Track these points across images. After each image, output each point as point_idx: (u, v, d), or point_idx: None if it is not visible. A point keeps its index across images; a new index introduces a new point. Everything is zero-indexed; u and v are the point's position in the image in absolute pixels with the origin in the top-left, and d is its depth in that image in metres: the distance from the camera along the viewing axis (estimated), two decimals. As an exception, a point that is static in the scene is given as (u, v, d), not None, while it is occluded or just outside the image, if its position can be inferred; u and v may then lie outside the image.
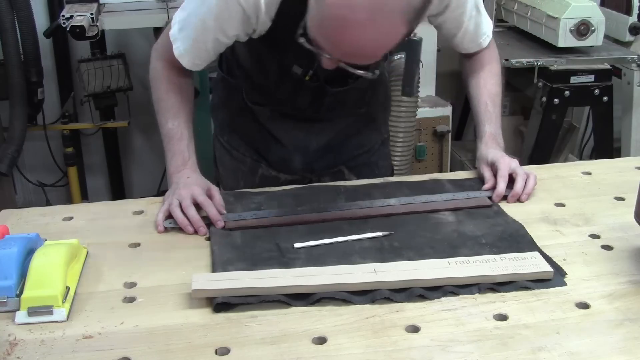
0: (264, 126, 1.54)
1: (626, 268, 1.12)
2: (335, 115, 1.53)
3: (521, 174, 1.37)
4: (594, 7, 2.56)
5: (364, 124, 1.60)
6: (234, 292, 1.03)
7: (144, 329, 0.99)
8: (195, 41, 1.32)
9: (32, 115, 2.77)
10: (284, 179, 1.56)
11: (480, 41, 1.50)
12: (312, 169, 1.58)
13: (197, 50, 1.33)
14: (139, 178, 3.35)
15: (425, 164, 3.00)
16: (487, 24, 1.50)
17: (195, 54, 1.34)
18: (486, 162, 1.41)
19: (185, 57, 1.35)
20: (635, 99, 2.80)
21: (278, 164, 1.56)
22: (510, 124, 3.01)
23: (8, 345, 0.95)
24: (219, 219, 1.25)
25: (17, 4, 2.52)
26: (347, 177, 1.58)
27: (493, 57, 1.54)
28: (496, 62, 1.55)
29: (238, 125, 1.58)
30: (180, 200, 1.27)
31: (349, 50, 1.07)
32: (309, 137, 1.54)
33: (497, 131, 1.48)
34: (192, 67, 1.37)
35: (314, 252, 1.17)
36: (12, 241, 1.07)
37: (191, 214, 1.25)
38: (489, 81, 1.51)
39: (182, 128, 1.37)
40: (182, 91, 1.40)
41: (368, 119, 1.60)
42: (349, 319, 1.00)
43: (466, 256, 1.13)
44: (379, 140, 1.66)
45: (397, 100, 2.49)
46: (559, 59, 2.56)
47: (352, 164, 1.60)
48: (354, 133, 1.58)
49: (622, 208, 1.32)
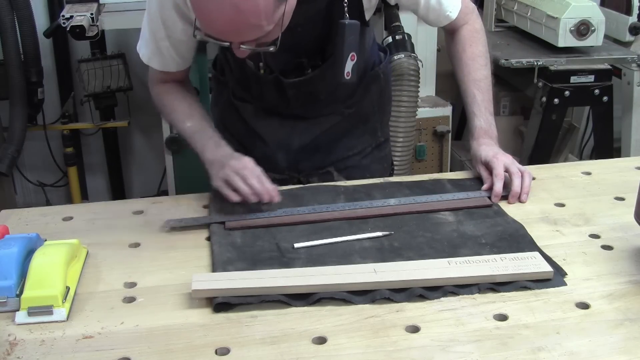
0: (248, 123, 1.55)
1: (626, 268, 1.12)
2: (317, 112, 1.51)
3: (516, 172, 1.36)
4: (594, 7, 2.56)
5: (354, 125, 1.57)
6: (234, 292, 1.03)
7: (144, 329, 0.99)
8: (154, 44, 1.40)
9: (32, 115, 2.77)
10: (271, 178, 1.52)
11: (447, 14, 1.46)
12: (298, 168, 1.57)
13: (159, 52, 1.40)
14: (139, 178, 3.35)
15: (425, 164, 3.00)
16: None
17: (159, 56, 1.41)
18: (480, 161, 1.40)
19: (153, 60, 1.42)
20: (635, 99, 2.80)
21: (263, 162, 1.53)
22: (510, 124, 3.01)
23: (8, 345, 0.95)
24: (275, 194, 1.29)
25: (17, 4, 2.52)
26: (335, 179, 1.55)
27: (474, 35, 1.49)
28: (477, 41, 1.49)
29: (227, 123, 1.59)
30: (237, 171, 1.29)
31: (215, 25, 1.11)
32: (292, 135, 1.53)
33: (488, 122, 1.45)
34: (164, 68, 1.43)
35: (314, 252, 1.17)
36: (12, 241, 1.08)
37: (255, 183, 1.28)
38: (472, 66, 1.47)
39: (201, 122, 1.42)
40: (185, 96, 1.46)
41: (359, 119, 1.57)
42: (349, 319, 1.00)
43: (466, 256, 1.13)
44: (372, 143, 1.62)
45: (397, 100, 2.49)
46: (559, 59, 2.56)
47: (341, 165, 1.57)
48: (342, 133, 1.56)
49: (622, 208, 1.32)
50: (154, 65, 1.43)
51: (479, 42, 1.49)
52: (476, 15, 1.51)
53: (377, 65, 1.57)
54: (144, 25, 1.41)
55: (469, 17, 1.49)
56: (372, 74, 1.56)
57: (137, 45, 1.44)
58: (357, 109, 1.55)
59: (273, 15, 1.10)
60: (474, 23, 1.50)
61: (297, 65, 1.40)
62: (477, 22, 1.51)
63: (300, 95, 1.45)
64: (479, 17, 1.52)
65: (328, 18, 1.33)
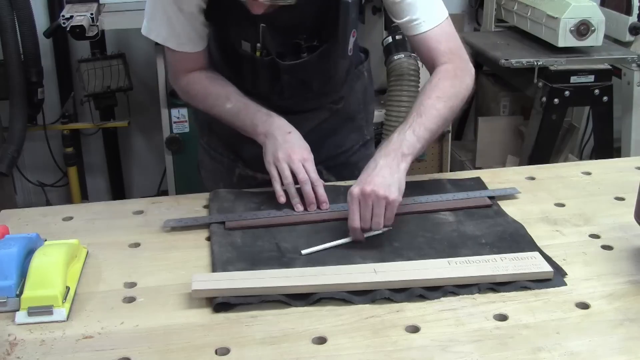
0: None
1: (626, 268, 1.12)
2: (306, 105, 1.50)
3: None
4: (594, 7, 2.56)
5: (341, 123, 1.56)
6: (234, 292, 1.03)
7: (144, 329, 0.99)
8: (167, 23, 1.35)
9: (32, 115, 2.77)
10: (261, 179, 1.50)
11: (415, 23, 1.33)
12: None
13: (173, 31, 1.36)
14: (139, 178, 3.35)
15: (425, 164, 3.00)
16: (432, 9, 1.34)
17: (175, 36, 1.37)
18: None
19: (170, 39, 1.38)
20: (635, 99, 2.79)
21: (252, 163, 1.53)
22: (510, 124, 3.01)
23: (8, 345, 0.95)
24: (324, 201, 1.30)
25: (17, 4, 2.52)
26: (325, 178, 1.50)
27: (451, 75, 1.33)
28: (452, 80, 1.32)
29: (215, 125, 1.57)
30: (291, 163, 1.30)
31: None
32: None
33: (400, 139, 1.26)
34: (180, 48, 1.39)
35: (314, 252, 1.17)
36: (12, 241, 1.07)
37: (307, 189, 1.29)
38: (427, 94, 1.32)
39: (241, 99, 1.40)
40: (215, 79, 1.44)
41: (346, 117, 1.56)
42: (349, 319, 1.00)
43: (466, 256, 1.13)
44: (359, 140, 1.61)
45: (397, 100, 2.48)
46: (559, 59, 2.56)
47: (330, 163, 1.56)
48: (330, 131, 1.55)
49: (622, 208, 1.32)
50: (171, 44, 1.38)
51: (452, 82, 1.33)
52: (467, 68, 1.37)
53: (360, 64, 1.58)
54: (150, 6, 1.36)
55: (457, 61, 1.36)
56: (356, 72, 1.57)
57: (144, 29, 1.38)
58: (344, 106, 1.55)
59: None
60: (460, 70, 1.35)
61: (294, 48, 1.39)
62: (465, 71, 1.36)
63: (293, 82, 1.44)
64: (471, 74, 1.37)
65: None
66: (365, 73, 1.60)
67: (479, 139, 3.01)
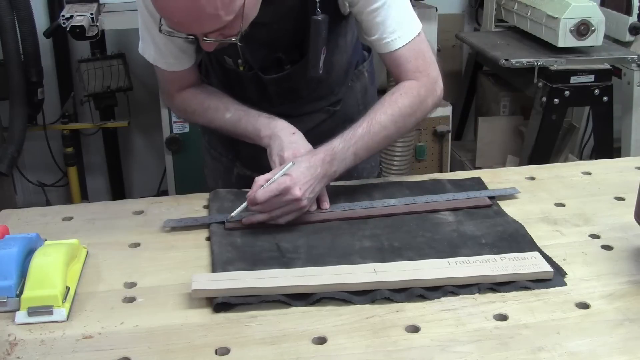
0: None
1: (626, 268, 1.12)
2: (301, 110, 1.49)
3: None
4: (594, 7, 2.56)
5: (339, 124, 1.52)
6: (234, 292, 1.03)
7: (144, 329, 0.99)
8: (153, 43, 1.37)
9: (32, 115, 2.77)
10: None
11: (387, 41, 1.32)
12: None
13: (159, 51, 1.38)
14: (139, 178, 3.35)
15: (425, 164, 3.00)
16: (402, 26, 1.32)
17: (161, 53, 1.38)
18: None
19: (159, 60, 1.39)
20: (635, 99, 2.80)
21: (250, 163, 1.53)
22: (510, 124, 3.01)
23: (8, 345, 0.95)
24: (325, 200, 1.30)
25: (17, 4, 2.52)
26: None
27: (413, 92, 1.32)
28: (411, 99, 1.32)
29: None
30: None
31: (173, 16, 1.10)
32: None
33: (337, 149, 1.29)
34: (170, 67, 1.40)
35: (314, 252, 1.17)
36: (12, 241, 1.07)
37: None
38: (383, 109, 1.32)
39: (241, 108, 1.39)
40: (211, 92, 1.44)
41: (344, 119, 1.53)
42: (349, 319, 1.00)
43: (466, 256, 1.13)
44: None
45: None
46: (559, 59, 2.56)
47: None
48: (328, 132, 1.54)
49: (622, 208, 1.32)
50: (161, 64, 1.39)
51: (411, 102, 1.32)
52: (433, 88, 1.35)
53: (360, 63, 1.57)
54: (140, 27, 1.40)
55: (424, 79, 1.34)
56: (356, 72, 1.56)
57: (139, 48, 1.41)
58: (342, 108, 1.54)
59: (231, 5, 1.09)
60: (424, 90, 1.34)
61: (276, 61, 1.39)
62: (429, 91, 1.34)
63: (281, 92, 1.44)
64: (436, 94, 1.36)
65: (303, 13, 1.31)
66: (365, 73, 1.59)
67: (479, 139, 3.02)
